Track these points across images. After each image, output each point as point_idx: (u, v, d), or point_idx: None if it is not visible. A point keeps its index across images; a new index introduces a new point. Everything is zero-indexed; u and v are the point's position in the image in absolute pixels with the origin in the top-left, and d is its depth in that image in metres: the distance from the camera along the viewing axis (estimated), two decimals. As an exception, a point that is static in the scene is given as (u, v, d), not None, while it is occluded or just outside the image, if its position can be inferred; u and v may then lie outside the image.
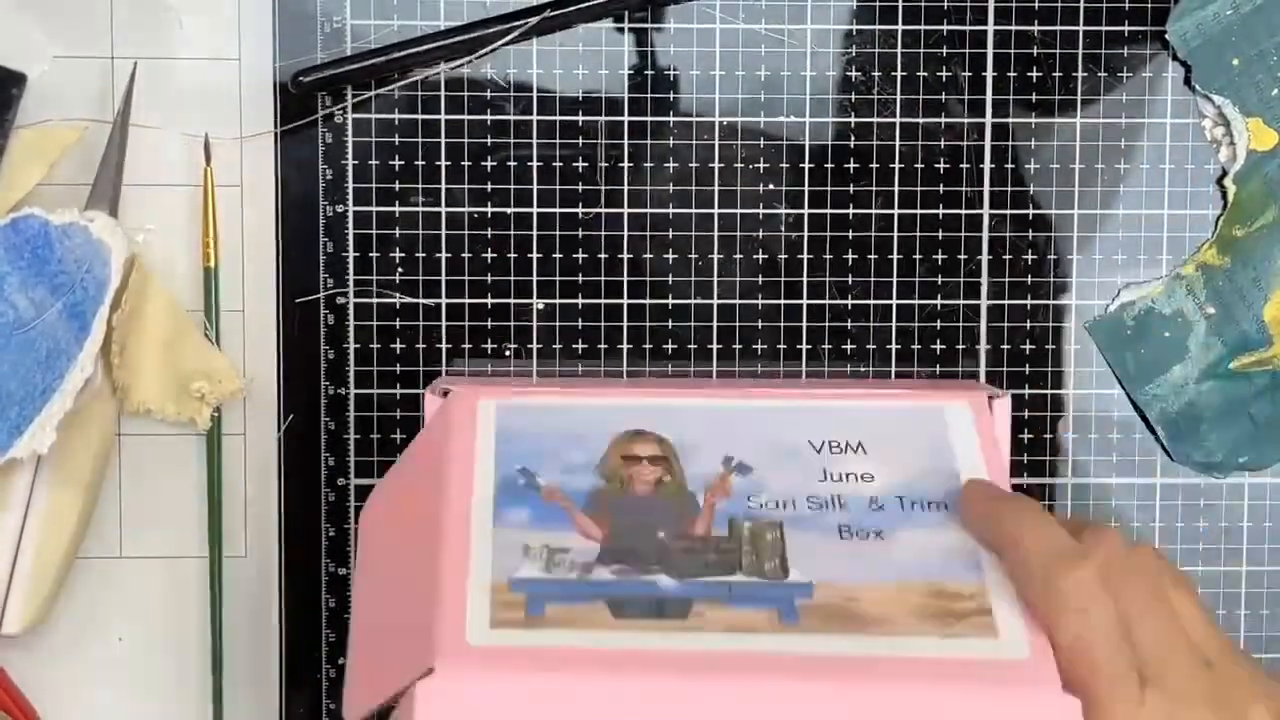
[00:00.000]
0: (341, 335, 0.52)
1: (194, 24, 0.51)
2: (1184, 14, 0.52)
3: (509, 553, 0.42)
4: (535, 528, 0.43)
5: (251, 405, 0.52)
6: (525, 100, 0.52)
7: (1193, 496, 0.54)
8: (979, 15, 0.52)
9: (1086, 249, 0.53)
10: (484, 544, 0.43)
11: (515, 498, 0.44)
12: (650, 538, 0.44)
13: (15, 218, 0.48)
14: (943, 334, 0.53)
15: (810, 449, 0.46)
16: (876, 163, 0.52)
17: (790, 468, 0.46)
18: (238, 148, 0.51)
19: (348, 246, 0.51)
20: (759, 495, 0.45)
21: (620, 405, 0.47)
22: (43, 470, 0.49)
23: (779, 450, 0.46)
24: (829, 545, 0.44)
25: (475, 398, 0.47)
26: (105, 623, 0.52)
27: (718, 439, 0.46)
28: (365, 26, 0.51)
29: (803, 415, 0.47)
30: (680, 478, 0.45)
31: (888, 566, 0.43)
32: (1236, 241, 0.52)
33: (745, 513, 0.44)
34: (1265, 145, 0.52)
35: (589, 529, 0.44)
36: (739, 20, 0.52)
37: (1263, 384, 0.53)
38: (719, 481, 0.45)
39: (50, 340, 0.48)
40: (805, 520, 0.44)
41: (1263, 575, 0.54)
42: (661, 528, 0.44)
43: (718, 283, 0.52)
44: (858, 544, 0.44)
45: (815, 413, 0.47)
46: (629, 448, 0.46)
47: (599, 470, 0.45)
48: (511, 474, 0.45)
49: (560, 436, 0.46)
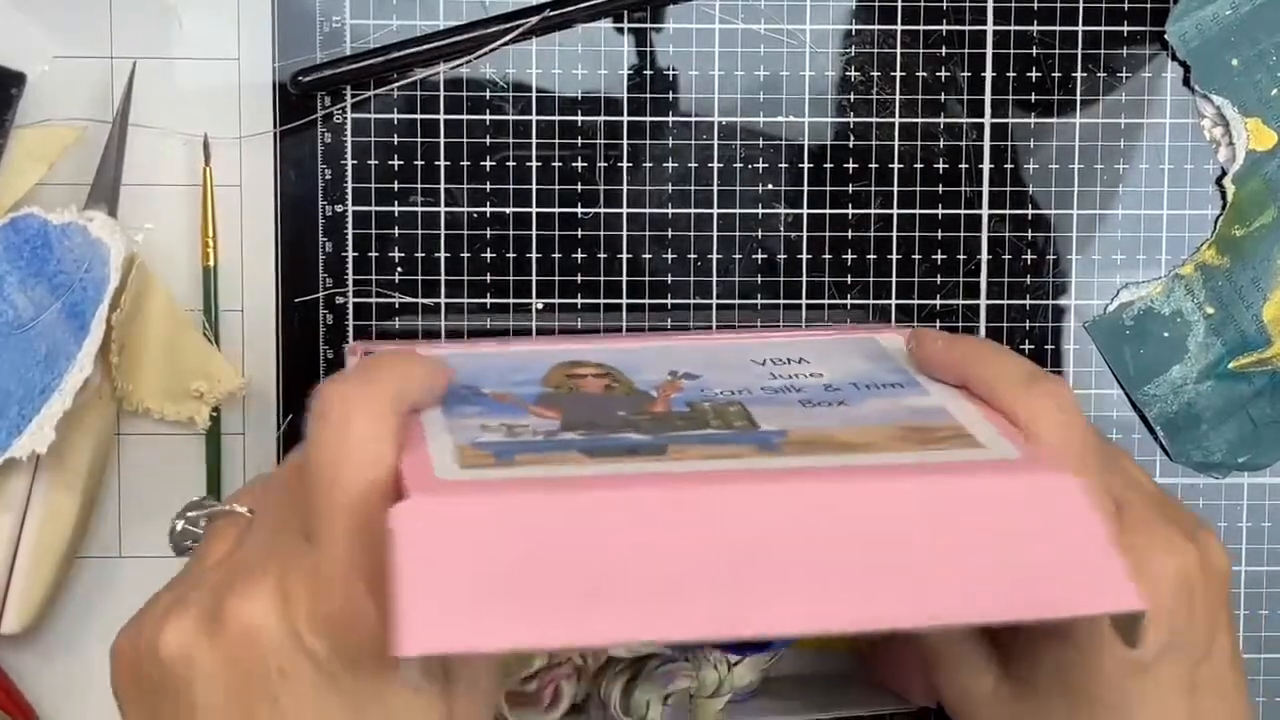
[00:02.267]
0: (341, 335, 0.52)
1: (194, 24, 0.51)
2: (1183, 14, 0.52)
3: (466, 432, 0.39)
4: (489, 417, 0.41)
5: (251, 405, 0.52)
6: (525, 100, 0.52)
7: (1192, 496, 0.54)
8: (978, 15, 0.52)
9: (1086, 249, 0.53)
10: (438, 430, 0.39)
11: (463, 401, 0.41)
12: (610, 417, 0.41)
13: (14, 217, 0.48)
14: (942, 334, 0.53)
15: (754, 364, 0.46)
16: (876, 163, 0.52)
17: (738, 374, 0.45)
18: (237, 147, 0.51)
19: (347, 246, 0.51)
20: (711, 390, 0.43)
21: (553, 349, 0.46)
22: (42, 470, 0.49)
23: (724, 367, 0.45)
24: (793, 410, 0.42)
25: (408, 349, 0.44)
26: (105, 623, 0.52)
27: (662, 364, 0.45)
28: (365, 26, 0.51)
29: (743, 345, 0.47)
30: (628, 383, 0.44)
31: (858, 418, 0.41)
32: (1236, 241, 0.52)
33: (702, 398, 0.43)
34: (1264, 145, 0.52)
35: (544, 414, 0.41)
36: (738, 20, 0.52)
37: (1262, 384, 0.53)
38: (670, 382, 0.44)
39: (49, 340, 0.48)
40: (764, 399, 0.43)
41: (1262, 575, 0.54)
42: (620, 409, 0.41)
43: (718, 283, 0.52)
44: (822, 409, 0.42)
45: (755, 344, 0.47)
46: (571, 369, 0.45)
47: (543, 383, 0.44)
48: (455, 390, 0.42)
49: (500, 367, 0.44)
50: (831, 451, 0.38)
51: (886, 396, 0.43)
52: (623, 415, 0.41)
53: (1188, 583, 0.41)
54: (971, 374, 0.43)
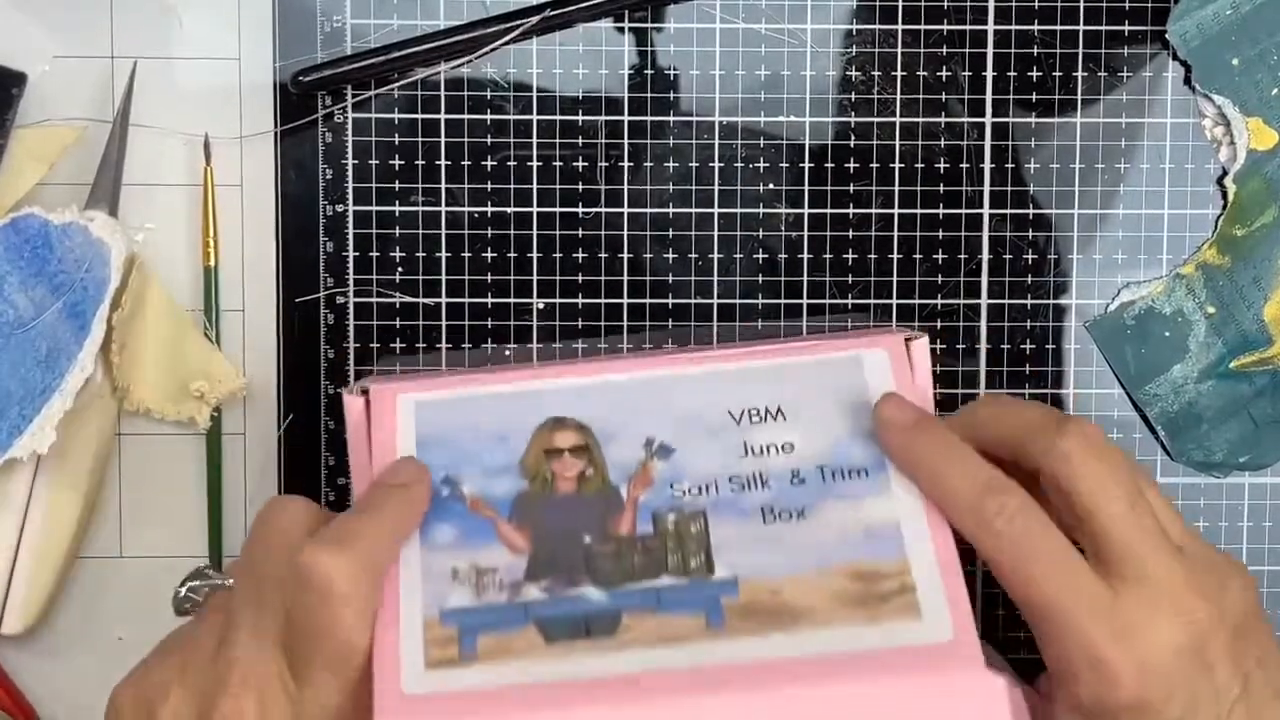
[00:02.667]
0: (341, 335, 0.52)
1: (194, 24, 0.51)
2: (1184, 14, 0.52)
3: (438, 580, 0.43)
4: (461, 545, 0.44)
5: (251, 405, 0.52)
6: (525, 100, 0.52)
7: (1193, 496, 0.54)
8: (979, 15, 0.52)
9: (1086, 249, 0.53)
10: (413, 574, 0.43)
11: (441, 512, 0.44)
12: (575, 543, 0.44)
13: (15, 217, 0.48)
14: (943, 333, 0.53)
15: (730, 420, 0.46)
16: (876, 162, 0.52)
17: (711, 444, 0.45)
18: (237, 147, 0.51)
19: (347, 246, 0.51)
20: (681, 482, 0.45)
21: (539, 389, 0.46)
22: (42, 470, 0.49)
23: (699, 424, 0.46)
24: (752, 530, 0.44)
25: (393, 397, 0.46)
26: (105, 623, 0.52)
27: (638, 416, 0.46)
28: (365, 26, 0.51)
29: (722, 380, 0.47)
30: (602, 468, 0.45)
31: (810, 552, 0.43)
32: (1237, 241, 0.52)
33: (669, 503, 0.44)
34: (1265, 145, 0.52)
35: (514, 540, 0.44)
36: (739, 20, 0.52)
37: (1263, 383, 0.53)
38: (641, 472, 0.45)
39: (50, 340, 0.48)
40: (727, 504, 0.44)
41: (1263, 575, 0.54)
42: (586, 530, 0.44)
43: (718, 282, 0.52)
44: (780, 527, 0.44)
45: (734, 376, 0.47)
46: (550, 439, 0.46)
47: (521, 469, 0.45)
48: (436, 485, 0.45)
49: (481, 436, 0.46)
50: (774, 625, 0.42)
51: (848, 500, 0.44)
52: (588, 544, 0.44)
53: (1196, 644, 0.41)
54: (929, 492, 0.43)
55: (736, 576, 0.43)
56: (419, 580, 0.43)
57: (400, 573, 0.43)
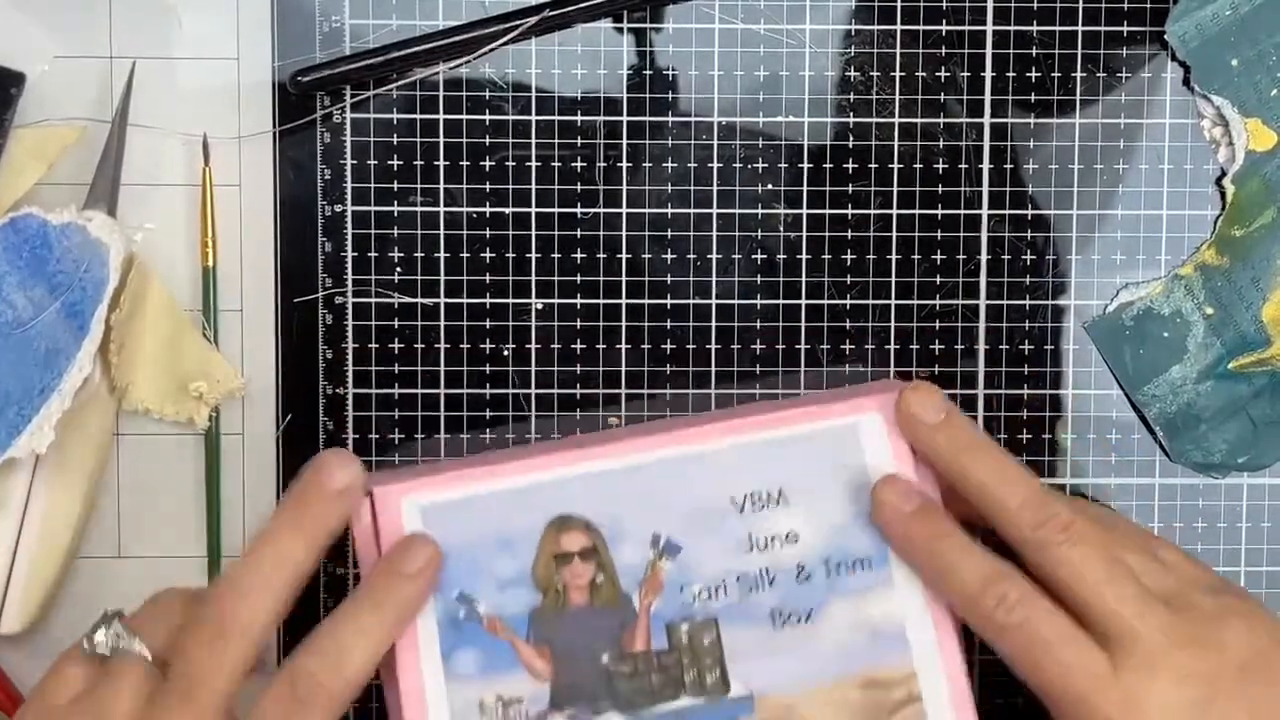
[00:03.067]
0: (340, 335, 0.52)
1: (194, 24, 0.51)
2: (1183, 14, 0.52)
3: (466, 716, 0.44)
4: (485, 675, 0.44)
5: (250, 405, 0.52)
6: (524, 100, 0.52)
7: (1191, 497, 0.54)
8: (978, 15, 0.52)
9: (1085, 249, 0.53)
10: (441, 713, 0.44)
11: (460, 638, 0.45)
12: (594, 664, 0.45)
13: (14, 217, 0.48)
14: (942, 334, 0.53)
15: (733, 509, 0.46)
16: (875, 163, 0.52)
17: (716, 538, 0.46)
18: (236, 147, 0.51)
19: (346, 246, 0.52)
20: (691, 585, 0.46)
21: (541, 481, 0.46)
22: (41, 470, 0.49)
23: (702, 514, 0.46)
24: (764, 637, 0.45)
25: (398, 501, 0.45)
26: (104, 622, 0.52)
27: (643, 510, 0.46)
28: (364, 26, 0.51)
29: (721, 460, 0.47)
30: (612, 573, 0.46)
31: (820, 660, 0.45)
32: (1235, 242, 0.52)
33: (680, 612, 0.45)
34: (1264, 146, 0.52)
35: (534, 664, 0.45)
36: (738, 20, 0.52)
37: (1261, 384, 0.53)
38: (651, 575, 0.46)
39: (49, 340, 0.48)
40: (737, 611, 0.45)
41: (1262, 575, 0.54)
42: (604, 648, 0.45)
43: (717, 283, 0.52)
44: (790, 633, 0.45)
45: (733, 454, 0.47)
46: (558, 543, 0.46)
47: (533, 579, 0.45)
48: (451, 604, 0.45)
49: (488, 542, 0.45)
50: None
51: (853, 597, 0.46)
52: (605, 664, 0.45)
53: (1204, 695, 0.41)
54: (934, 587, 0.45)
55: (752, 694, 0.45)
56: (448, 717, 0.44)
57: (430, 713, 0.44)
